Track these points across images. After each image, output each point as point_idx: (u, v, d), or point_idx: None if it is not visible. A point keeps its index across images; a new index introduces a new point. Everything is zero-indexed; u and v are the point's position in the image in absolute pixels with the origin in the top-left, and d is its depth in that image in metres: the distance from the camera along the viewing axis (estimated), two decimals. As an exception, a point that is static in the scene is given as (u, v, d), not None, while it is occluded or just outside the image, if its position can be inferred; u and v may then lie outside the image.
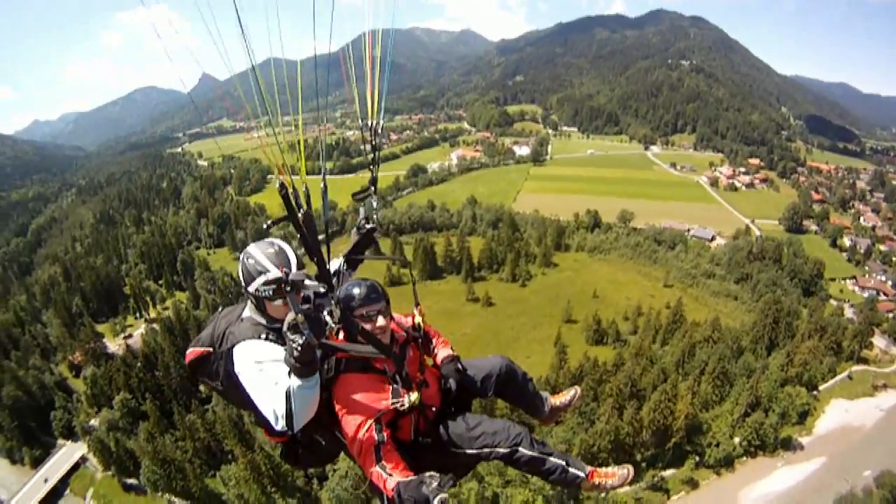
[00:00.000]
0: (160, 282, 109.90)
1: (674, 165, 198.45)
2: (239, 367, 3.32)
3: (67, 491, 60.52)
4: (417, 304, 4.22)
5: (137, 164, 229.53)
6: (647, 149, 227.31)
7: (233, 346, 3.41)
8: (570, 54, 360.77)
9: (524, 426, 3.78)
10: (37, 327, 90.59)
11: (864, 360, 79.77)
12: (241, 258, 3.48)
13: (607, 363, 67.45)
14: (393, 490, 3.13)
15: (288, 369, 3.04)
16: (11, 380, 69.59)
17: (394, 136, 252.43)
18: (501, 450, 3.63)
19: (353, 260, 4.51)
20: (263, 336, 3.38)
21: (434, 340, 4.23)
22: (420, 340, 4.03)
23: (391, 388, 3.50)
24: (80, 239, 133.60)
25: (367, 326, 3.48)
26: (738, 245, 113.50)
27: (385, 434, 3.35)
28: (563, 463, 3.75)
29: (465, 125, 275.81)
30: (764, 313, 79.51)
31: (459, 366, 3.97)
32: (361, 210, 4.66)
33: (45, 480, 61.01)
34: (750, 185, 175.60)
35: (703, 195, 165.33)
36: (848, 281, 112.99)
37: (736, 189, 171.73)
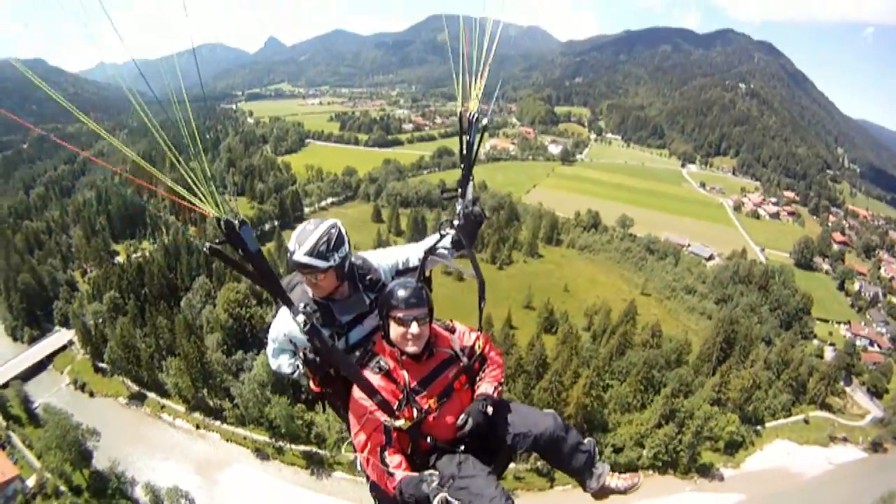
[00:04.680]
0: (179, 217, 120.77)
1: (703, 185, 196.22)
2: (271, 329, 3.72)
3: (51, 366, 71.59)
4: (480, 329, 4.03)
5: (190, 114, 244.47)
6: (683, 166, 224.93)
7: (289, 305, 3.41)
8: (632, 63, 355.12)
9: None
10: (63, 238, 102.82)
11: (829, 408, 75.71)
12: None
13: (518, 342, 69.10)
14: (395, 488, 3.18)
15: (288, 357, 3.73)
16: (29, 270, 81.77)
17: (438, 120, 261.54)
18: None
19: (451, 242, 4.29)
20: (303, 305, 3.32)
21: (485, 371, 3.92)
22: (472, 367, 3.82)
23: (396, 402, 3.40)
24: (119, 173, 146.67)
25: (400, 329, 3.40)
26: (725, 265, 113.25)
27: (394, 435, 3.36)
28: None
29: (514, 119, 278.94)
30: (716, 331, 77.66)
31: (489, 409, 3.59)
32: (458, 205, 4.21)
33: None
34: (775, 216, 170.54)
35: (721, 217, 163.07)
36: (842, 325, 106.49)
37: (758, 217, 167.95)
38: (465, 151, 4.05)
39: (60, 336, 76.15)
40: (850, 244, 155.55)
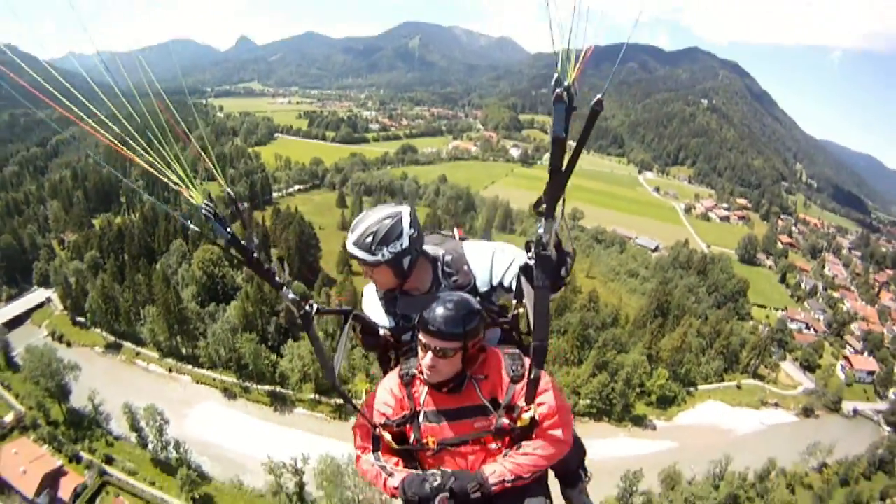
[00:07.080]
0: (153, 196, 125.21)
1: (658, 190, 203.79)
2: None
3: (28, 321, 75.49)
4: (532, 401, 2.81)
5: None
6: (640, 172, 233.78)
7: None
8: (598, 77, 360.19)
9: None
10: (40, 209, 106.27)
11: (761, 378, 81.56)
12: None
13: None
14: (397, 488, 2.83)
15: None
16: (11, 231, 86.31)
17: (405, 122, 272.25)
18: None
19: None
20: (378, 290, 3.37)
21: (521, 447, 2.86)
22: (509, 433, 2.87)
23: (401, 414, 2.96)
24: (93, 155, 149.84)
25: (419, 351, 2.77)
26: (666, 253, 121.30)
27: (382, 443, 2.99)
28: None
29: (478, 124, 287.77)
30: (650, 300, 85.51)
31: (475, 493, 2.74)
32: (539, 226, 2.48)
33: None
34: (725, 219, 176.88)
35: (671, 217, 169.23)
36: (779, 311, 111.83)
37: (708, 219, 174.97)
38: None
39: (38, 294, 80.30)
40: (796, 245, 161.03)
